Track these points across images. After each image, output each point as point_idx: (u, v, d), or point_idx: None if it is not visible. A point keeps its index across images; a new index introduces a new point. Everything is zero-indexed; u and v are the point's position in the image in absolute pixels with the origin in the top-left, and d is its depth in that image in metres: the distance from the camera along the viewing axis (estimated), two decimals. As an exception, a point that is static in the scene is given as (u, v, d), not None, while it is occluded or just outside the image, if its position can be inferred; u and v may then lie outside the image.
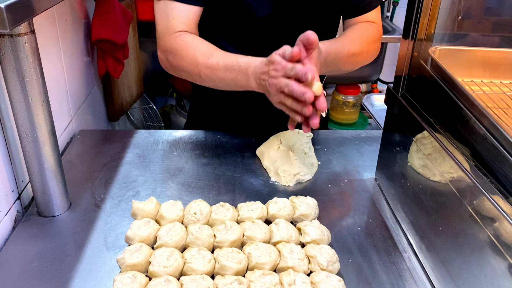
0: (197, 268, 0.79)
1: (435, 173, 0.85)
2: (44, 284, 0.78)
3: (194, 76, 1.05)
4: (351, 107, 2.43)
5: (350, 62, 1.11)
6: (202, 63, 1.01)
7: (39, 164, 0.90)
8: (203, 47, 1.04)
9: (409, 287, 0.81)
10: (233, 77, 0.98)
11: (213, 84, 1.04)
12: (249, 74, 0.95)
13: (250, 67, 0.95)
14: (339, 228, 0.95)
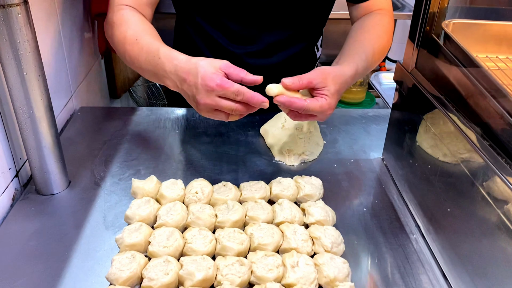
0: (198, 249, 0.77)
1: (445, 153, 0.81)
2: (42, 263, 0.77)
3: (121, 55, 0.99)
4: (358, 86, 2.38)
5: (375, 64, 1.07)
6: (129, 43, 0.94)
7: (36, 141, 0.87)
8: (137, 28, 0.96)
9: (416, 269, 0.79)
10: (152, 68, 0.90)
11: (137, 70, 0.97)
12: (167, 71, 0.86)
13: (169, 63, 0.86)
14: (344, 209, 0.92)
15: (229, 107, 0.81)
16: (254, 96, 0.81)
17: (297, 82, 0.84)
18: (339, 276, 0.72)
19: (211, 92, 0.80)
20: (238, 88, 0.81)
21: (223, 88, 0.80)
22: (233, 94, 0.80)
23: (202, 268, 0.72)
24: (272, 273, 0.73)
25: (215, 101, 0.81)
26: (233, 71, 0.83)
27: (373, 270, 0.78)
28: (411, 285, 0.76)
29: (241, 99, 0.81)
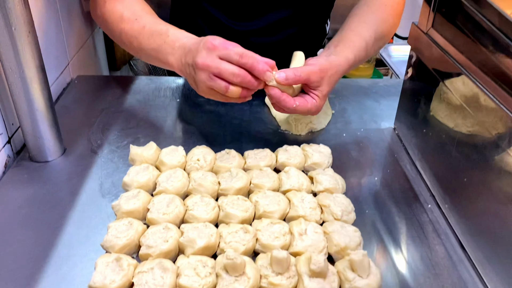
0: (200, 216, 0.72)
1: (462, 122, 0.76)
2: (33, 231, 0.72)
3: (114, 34, 0.94)
4: (365, 63, 2.31)
5: (376, 51, 1.02)
6: (127, 21, 0.90)
7: (28, 104, 0.82)
8: (135, 7, 0.92)
9: (432, 240, 0.74)
10: (157, 47, 0.86)
11: (133, 50, 0.93)
12: (175, 48, 0.83)
13: (179, 40, 0.83)
14: (354, 179, 0.87)
15: (230, 71, 0.74)
16: (260, 61, 0.74)
17: (293, 78, 0.78)
18: (351, 244, 0.67)
19: (212, 51, 0.74)
20: (243, 50, 0.74)
21: (226, 47, 0.74)
22: (237, 55, 0.74)
23: (204, 235, 0.67)
24: (279, 241, 0.68)
25: (215, 63, 0.74)
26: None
27: (386, 240, 0.73)
28: (426, 255, 0.71)
29: (245, 62, 0.74)
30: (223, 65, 0.74)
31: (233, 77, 0.74)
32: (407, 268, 0.69)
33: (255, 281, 0.61)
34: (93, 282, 0.61)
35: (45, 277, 0.65)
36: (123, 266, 0.62)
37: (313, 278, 0.61)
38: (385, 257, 0.70)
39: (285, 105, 0.79)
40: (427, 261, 0.70)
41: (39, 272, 0.65)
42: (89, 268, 0.66)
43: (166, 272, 0.61)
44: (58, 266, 0.66)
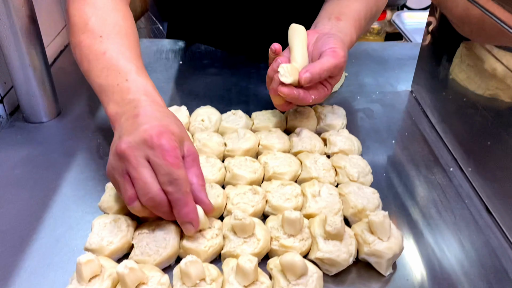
0: (206, 177, 0.66)
1: (484, 85, 0.70)
2: (27, 192, 0.67)
3: (71, 40, 0.72)
4: (375, 35, 2.23)
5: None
6: (89, 34, 0.68)
7: (20, 60, 0.77)
8: (109, 18, 0.70)
9: (455, 204, 0.68)
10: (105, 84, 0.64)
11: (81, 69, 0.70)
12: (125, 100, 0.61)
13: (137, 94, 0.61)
14: (370, 142, 0.81)
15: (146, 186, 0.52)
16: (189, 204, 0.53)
17: (318, 77, 0.69)
18: (369, 206, 0.62)
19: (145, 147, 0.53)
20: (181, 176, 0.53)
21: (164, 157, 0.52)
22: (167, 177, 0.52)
23: (210, 195, 0.62)
24: (290, 202, 0.63)
25: (137, 161, 0.53)
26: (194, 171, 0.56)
27: (406, 204, 0.68)
28: (449, 219, 0.65)
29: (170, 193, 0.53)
30: (144, 172, 0.52)
31: (144, 196, 0.53)
32: (430, 233, 0.63)
33: (265, 243, 0.56)
34: (89, 243, 0.56)
35: (39, 239, 0.60)
36: (121, 227, 0.57)
37: (328, 241, 0.56)
38: (406, 221, 0.65)
39: (302, 102, 0.71)
40: (451, 226, 0.64)
41: (32, 233, 0.61)
42: (85, 230, 0.61)
43: (169, 233, 0.56)
44: (53, 228, 0.62)
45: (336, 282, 0.56)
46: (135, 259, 0.55)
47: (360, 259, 0.58)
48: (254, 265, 0.50)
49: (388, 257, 0.55)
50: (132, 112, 0.58)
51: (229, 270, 0.52)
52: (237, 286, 0.50)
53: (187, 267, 0.49)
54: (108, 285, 0.50)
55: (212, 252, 0.56)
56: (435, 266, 0.58)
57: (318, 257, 0.55)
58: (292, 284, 0.51)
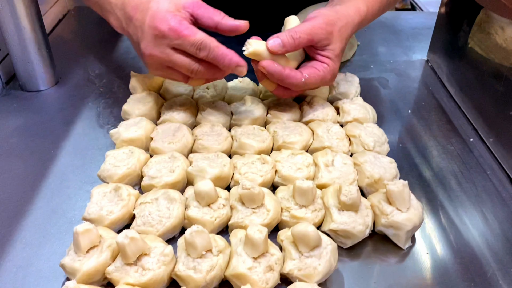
0: (210, 146, 0.63)
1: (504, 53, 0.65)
2: (23, 161, 0.64)
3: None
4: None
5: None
6: None
7: (14, 22, 0.72)
8: None
9: (477, 175, 0.64)
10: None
11: None
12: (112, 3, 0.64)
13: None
14: (385, 111, 0.77)
15: (186, 66, 0.57)
16: (226, 54, 0.57)
17: (291, 42, 0.60)
18: (386, 176, 0.58)
19: (161, 39, 0.57)
20: (202, 38, 0.56)
21: (179, 35, 0.56)
22: (194, 47, 0.56)
23: (216, 164, 0.58)
24: (302, 172, 0.59)
25: (165, 54, 0.57)
26: (203, 12, 0.59)
27: (424, 175, 0.64)
28: (471, 191, 0.61)
29: (205, 56, 0.57)
30: (177, 59, 0.58)
31: (191, 73, 0.59)
32: (451, 205, 0.59)
33: (276, 213, 0.52)
34: (88, 213, 0.52)
35: (35, 210, 0.56)
36: (122, 196, 0.54)
37: (343, 212, 0.52)
38: (424, 193, 0.61)
39: (291, 81, 0.61)
40: (473, 198, 0.60)
41: (28, 204, 0.57)
42: (83, 201, 0.57)
43: (173, 202, 0.53)
44: (49, 199, 0.58)
45: (350, 255, 0.52)
46: (136, 229, 0.51)
47: (377, 231, 0.54)
48: (264, 236, 0.46)
49: (407, 229, 0.51)
50: (124, 15, 0.62)
51: (237, 241, 0.49)
52: (245, 257, 0.47)
53: (192, 237, 0.46)
54: (107, 256, 0.47)
55: (218, 223, 0.53)
56: (456, 239, 0.55)
57: (332, 229, 0.52)
58: (304, 256, 0.47)
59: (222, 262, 0.47)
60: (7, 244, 0.52)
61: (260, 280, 0.46)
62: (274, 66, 0.60)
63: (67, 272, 0.47)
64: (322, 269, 0.46)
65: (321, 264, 0.47)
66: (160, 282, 0.46)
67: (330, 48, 0.64)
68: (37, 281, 0.48)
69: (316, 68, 0.64)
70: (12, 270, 0.49)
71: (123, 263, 0.46)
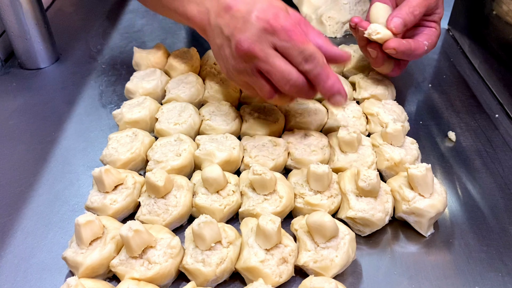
0: (219, 127, 0.59)
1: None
2: (23, 145, 0.61)
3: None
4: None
5: None
6: None
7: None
8: None
9: (503, 154, 0.60)
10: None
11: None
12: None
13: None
14: (404, 85, 0.72)
15: (285, 73, 0.49)
16: (331, 75, 0.50)
17: (412, 19, 0.59)
18: (407, 158, 0.54)
19: (268, 36, 0.49)
20: (314, 49, 0.49)
21: (290, 37, 0.48)
22: (301, 55, 0.49)
23: (225, 147, 0.54)
24: (316, 155, 0.55)
25: (266, 54, 0.49)
26: (310, 30, 0.52)
27: (446, 155, 0.60)
28: (497, 172, 0.58)
29: (310, 69, 0.49)
30: (276, 62, 0.49)
31: (285, 85, 0.50)
32: (475, 187, 0.56)
33: (289, 200, 0.49)
34: (91, 202, 0.50)
35: (36, 197, 0.54)
36: (127, 184, 0.51)
37: (361, 198, 0.49)
38: (447, 174, 0.57)
39: (418, 53, 0.60)
40: (499, 179, 0.57)
41: (29, 191, 0.55)
42: (87, 187, 0.55)
43: (180, 190, 0.50)
44: (51, 184, 0.55)
45: (369, 243, 0.49)
46: (142, 219, 0.48)
47: (397, 218, 0.51)
48: (277, 226, 0.43)
49: (430, 216, 0.48)
50: (219, 5, 0.52)
51: (248, 231, 0.46)
52: (257, 249, 0.44)
53: (200, 229, 0.43)
54: (111, 249, 0.44)
55: (228, 211, 0.50)
56: (482, 226, 0.51)
57: (349, 216, 0.48)
58: (321, 247, 0.44)
59: (233, 254, 0.44)
60: (8, 234, 0.50)
61: (274, 273, 0.43)
62: (404, 44, 0.59)
63: (69, 265, 0.44)
64: (340, 261, 0.44)
65: (339, 255, 0.44)
66: (167, 275, 0.43)
67: (437, 12, 0.64)
68: (40, 274, 0.46)
69: (427, 34, 0.63)
70: (14, 262, 0.47)
71: (128, 256, 0.43)
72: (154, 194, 0.49)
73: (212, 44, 0.55)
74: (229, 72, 0.54)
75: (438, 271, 0.46)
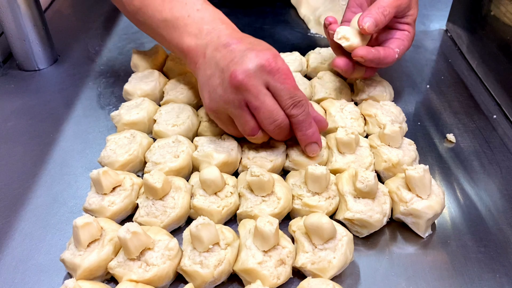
0: (217, 128, 0.59)
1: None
2: (21, 146, 0.61)
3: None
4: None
5: None
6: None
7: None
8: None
9: (501, 156, 0.60)
10: (172, 18, 0.57)
11: (129, 6, 0.61)
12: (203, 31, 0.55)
13: (214, 24, 0.55)
14: (401, 86, 0.72)
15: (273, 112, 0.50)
16: (312, 125, 0.53)
17: (383, 20, 0.57)
18: (405, 160, 0.54)
19: (264, 73, 0.50)
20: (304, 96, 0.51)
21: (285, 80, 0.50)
22: (291, 100, 0.50)
23: (223, 149, 0.55)
24: (314, 156, 0.55)
25: (257, 90, 0.49)
26: None
27: (444, 156, 0.60)
28: (496, 173, 0.58)
29: (295, 115, 0.51)
30: (267, 100, 0.50)
31: (270, 124, 0.51)
32: (473, 188, 0.56)
33: (287, 202, 0.49)
34: (89, 203, 0.50)
35: (34, 198, 0.54)
36: (125, 185, 0.51)
37: (359, 199, 0.49)
38: (445, 175, 0.57)
39: (388, 61, 0.59)
40: (497, 181, 0.57)
41: (27, 192, 0.55)
42: (84, 189, 0.55)
43: (178, 191, 0.50)
44: (49, 186, 0.55)
45: (366, 245, 0.49)
46: (140, 220, 0.48)
47: (395, 219, 0.51)
48: (274, 228, 0.43)
49: (428, 217, 0.48)
50: (218, 42, 0.53)
51: (246, 233, 0.46)
52: (255, 251, 0.44)
53: (198, 231, 0.43)
54: (109, 251, 0.44)
55: (226, 213, 0.50)
56: (480, 227, 0.51)
57: (347, 218, 0.48)
58: (318, 248, 0.44)
59: (231, 256, 0.44)
60: (6, 236, 0.50)
61: (271, 275, 0.43)
62: (372, 52, 0.58)
63: (67, 267, 0.44)
64: (337, 262, 0.44)
65: (336, 257, 0.44)
66: (165, 277, 0.43)
67: (409, 14, 0.62)
68: (38, 276, 0.46)
69: (400, 39, 0.62)
70: (12, 264, 0.47)
71: (126, 258, 0.43)
72: (152, 196, 0.49)
73: (201, 75, 0.54)
74: (213, 103, 0.53)
75: (435, 272, 0.47)
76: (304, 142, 0.53)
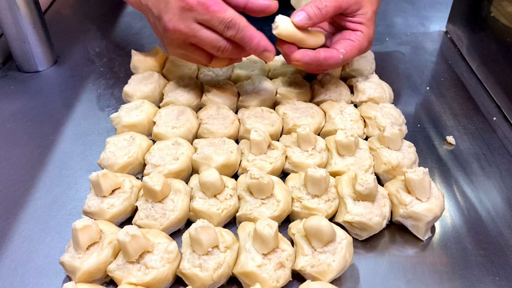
0: (216, 130, 0.59)
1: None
2: (21, 148, 0.61)
3: None
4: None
5: None
6: None
7: (7, 0, 0.68)
8: None
9: (501, 157, 0.60)
10: None
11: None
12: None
13: None
14: (401, 88, 0.72)
15: (213, 43, 0.54)
16: (254, 36, 0.54)
17: (318, 14, 0.55)
18: (404, 162, 0.54)
19: (188, 13, 0.52)
20: (232, 16, 0.52)
21: (208, 10, 0.52)
22: (222, 24, 0.52)
23: (223, 151, 0.55)
24: (314, 158, 0.55)
25: (191, 29, 0.53)
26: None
27: (444, 159, 0.60)
28: (496, 176, 0.58)
29: (233, 35, 0.53)
30: (203, 34, 0.53)
31: (217, 52, 0.55)
32: (472, 191, 0.56)
33: (286, 204, 0.49)
34: (88, 206, 0.50)
35: (34, 201, 0.54)
36: (124, 188, 0.51)
37: (358, 202, 0.49)
38: (445, 178, 0.57)
39: (329, 63, 0.57)
40: (497, 183, 0.57)
41: (26, 195, 0.55)
42: (84, 191, 0.55)
43: (178, 194, 0.50)
44: (49, 188, 0.55)
45: (366, 247, 0.49)
46: (139, 223, 0.48)
47: (394, 222, 0.51)
48: (274, 231, 0.43)
49: (427, 220, 0.48)
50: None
51: (245, 236, 0.46)
52: (255, 254, 0.44)
53: (197, 234, 0.43)
54: (108, 254, 0.44)
55: (226, 215, 0.50)
56: (479, 229, 0.51)
57: (346, 220, 0.48)
58: (318, 251, 0.44)
59: (230, 258, 0.44)
60: (5, 238, 0.50)
61: (271, 278, 0.43)
62: (308, 55, 0.57)
63: (66, 270, 0.44)
64: (337, 265, 0.44)
65: (336, 260, 0.44)
66: (165, 280, 0.43)
67: (361, 12, 0.59)
68: (37, 278, 0.46)
69: (350, 39, 0.59)
70: (11, 266, 0.47)
71: (125, 260, 0.43)
72: (151, 199, 0.49)
73: (149, 22, 0.60)
74: (166, 47, 0.59)
75: (435, 275, 0.46)
76: (255, 53, 0.56)
